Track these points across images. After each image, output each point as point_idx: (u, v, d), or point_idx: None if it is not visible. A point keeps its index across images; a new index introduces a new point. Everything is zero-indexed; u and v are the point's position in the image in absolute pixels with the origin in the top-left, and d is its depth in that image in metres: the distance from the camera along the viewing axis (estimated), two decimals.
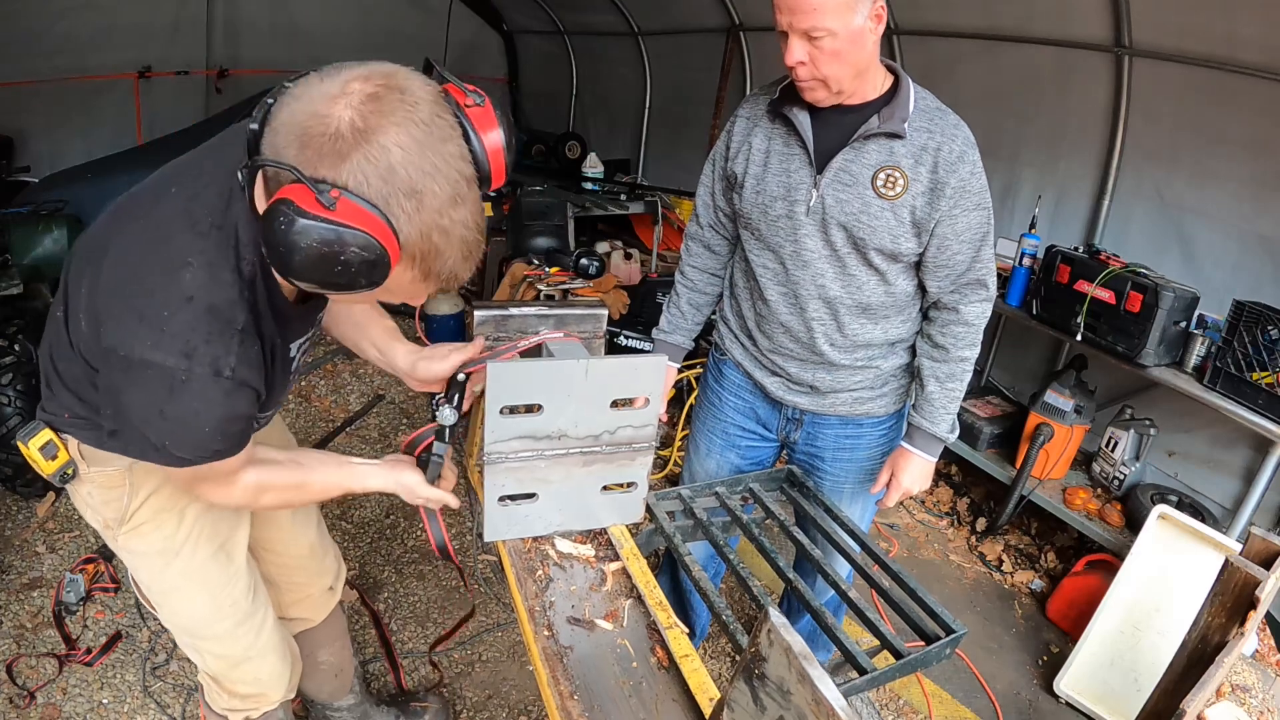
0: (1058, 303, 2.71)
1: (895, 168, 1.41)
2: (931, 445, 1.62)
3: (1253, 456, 2.58)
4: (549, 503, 1.26)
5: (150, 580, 1.36)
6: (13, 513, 2.67)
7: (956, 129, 1.42)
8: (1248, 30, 2.32)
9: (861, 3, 1.30)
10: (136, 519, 1.28)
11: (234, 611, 1.41)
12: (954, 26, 3.30)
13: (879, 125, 1.41)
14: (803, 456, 1.75)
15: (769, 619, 0.67)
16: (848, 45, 1.32)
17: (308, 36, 5.83)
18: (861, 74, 1.40)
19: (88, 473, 1.23)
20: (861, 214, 1.44)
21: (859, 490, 1.75)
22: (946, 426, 1.60)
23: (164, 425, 0.99)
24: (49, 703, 2.00)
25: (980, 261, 1.49)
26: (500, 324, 1.39)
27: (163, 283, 0.94)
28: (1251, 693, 2.05)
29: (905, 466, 1.62)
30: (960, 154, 1.40)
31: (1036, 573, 2.93)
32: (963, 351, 1.55)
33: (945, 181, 1.40)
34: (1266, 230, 2.50)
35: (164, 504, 1.29)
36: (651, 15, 5.34)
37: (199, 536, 1.34)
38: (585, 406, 1.19)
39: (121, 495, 1.26)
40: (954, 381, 1.58)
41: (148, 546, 1.31)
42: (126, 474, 1.24)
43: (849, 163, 1.44)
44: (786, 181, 1.50)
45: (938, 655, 1.15)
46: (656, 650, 1.10)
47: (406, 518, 2.93)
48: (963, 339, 1.54)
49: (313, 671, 1.77)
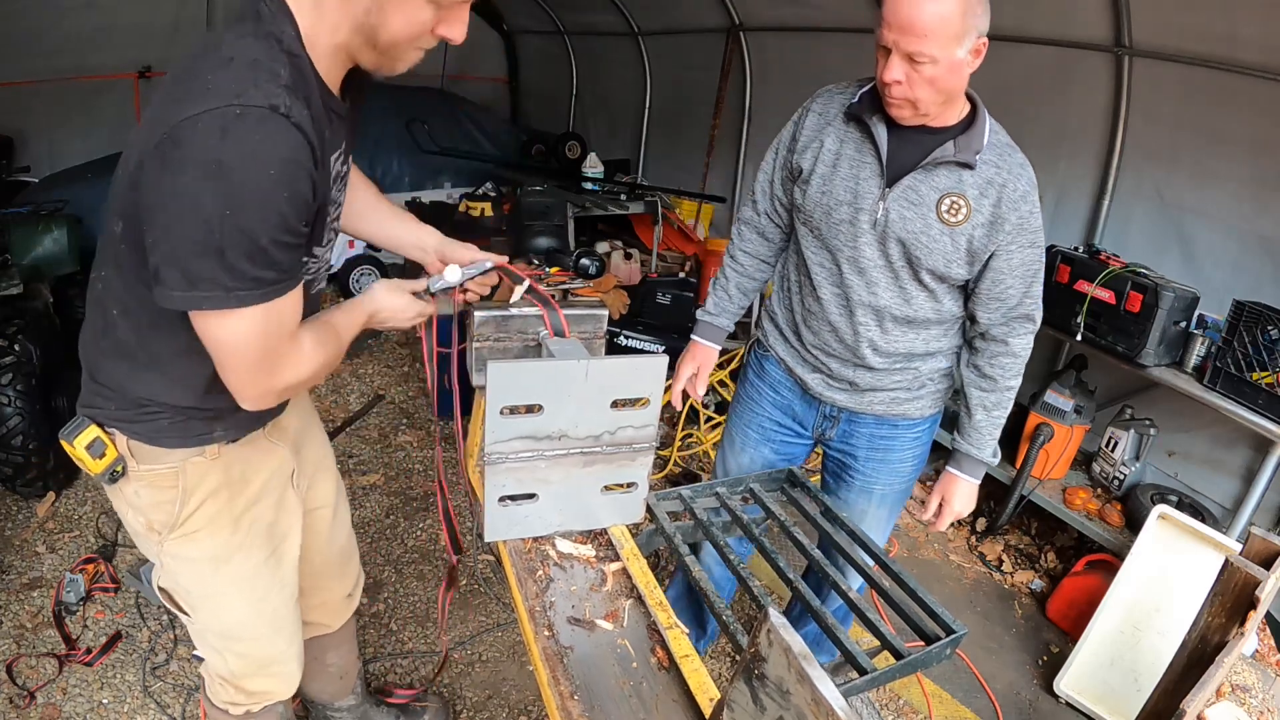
0: (1058, 303, 2.71)
1: (961, 195, 1.46)
2: (978, 470, 1.69)
3: (1253, 456, 2.58)
4: (549, 503, 1.26)
5: (193, 585, 1.32)
6: (13, 513, 2.67)
7: (1023, 169, 1.47)
8: (1248, 30, 2.32)
9: (968, 36, 1.33)
10: (190, 525, 1.24)
11: (273, 619, 1.39)
12: None
13: (954, 153, 1.45)
14: (836, 454, 1.80)
15: (769, 619, 0.67)
16: (946, 73, 1.35)
17: None
18: (950, 103, 1.44)
19: (137, 471, 1.19)
20: (922, 234, 1.48)
21: (888, 492, 1.79)
22: (990, 452, 1.67)
23: (219, 200, 0.88)
24: (49, 703, 2.00)
25: (1030, 297, 1.55)
26: (500, 324, 1.39)
27: (200, 72, 0.92)
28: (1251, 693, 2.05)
29: (955, 490, 1.70)
30: (1024, 193, 1.45)
31: (1036, 573, 2.93)
32: (1010, 381, 1.61)
33: (1006, 217, 1.45)
34: (1266, 230, 2.50)
35: (220, 509, 1.26)
36: (651, 15, 5.34)
37: (253, 543, 1.32)
38: (586, 407, 1.19)
39: (174, 499, 1.22)
40: (999, 410, 1.64)
41: (199, 553, 1.27)
42: (179, 475, 1.21)
43: (919, 183, 1.48)
44: (854, 188, 1.53)
45: (938, 656, 1.15)
46: (657, 650, 1.10)
47: (406, 518, 2.93)
48: (1010, 369, 1.60)
49: (319, 673, 1.77)
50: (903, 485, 1.81)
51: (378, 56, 1.05)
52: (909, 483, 1.83)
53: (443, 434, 3.56)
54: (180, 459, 1.20)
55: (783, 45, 4.39)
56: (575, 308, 1.42)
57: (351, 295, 1.31)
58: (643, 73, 5.69)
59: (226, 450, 1.25)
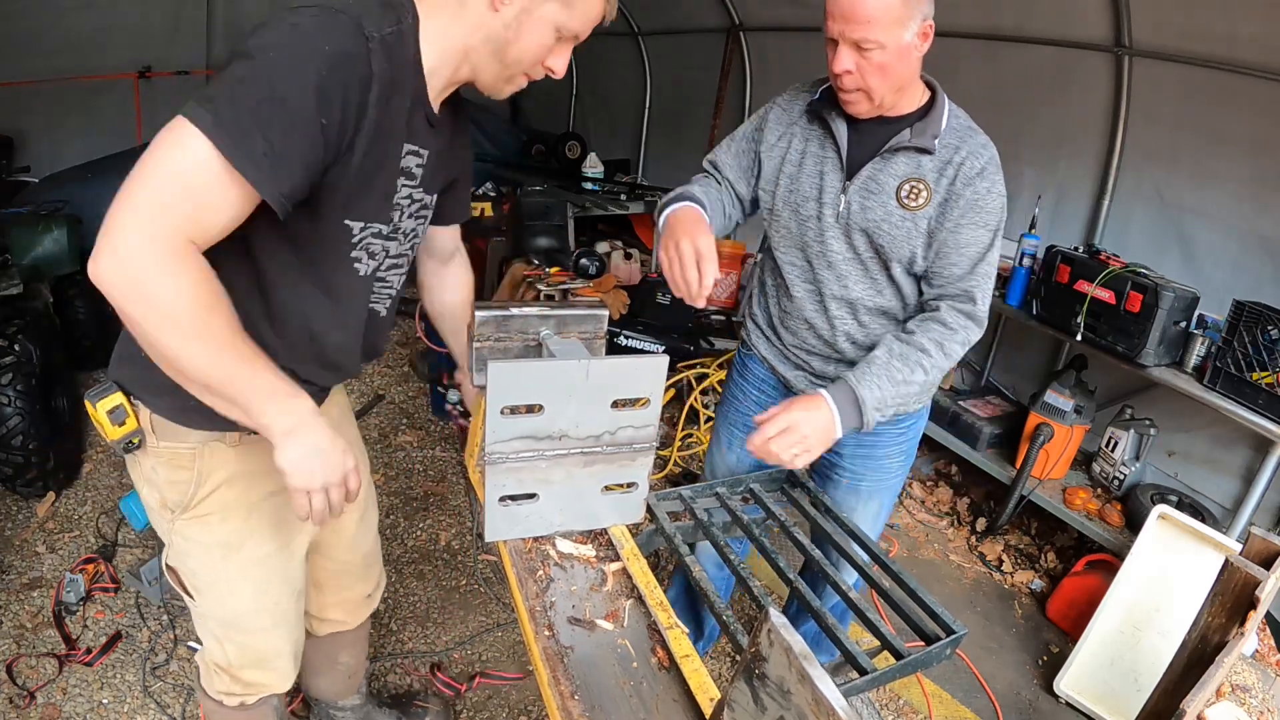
0: (1058, 303, 2.71)
1: (920, 180, 1.45)
2: (846, 405, 1.40)
3: (1253, 456, 2.58)
4: (550, 503, 1.26)
5: (200, 569, 1.31)
6: (13, 513, 2.67)
7: (984, 148, 1.45)
8: (1248, 30, 2.32)
9: (912, 19, 1.34)
10: (202, 508, 1.24)
11: (275, 612, 1.39)
12: (954, 26, 3.30)
13: (909, 139, 1.45)
14: (826, 454, 1.77)
15: (769, 619, 0.67)
16: (895, 59, 1.36)
17: None
18: (903, 89, 1.44)
19: (156, 446, 1.18)
20: (884, 222, 1.48)
21: (876, 489, 1.78)
22: (873, 398, 1.39)
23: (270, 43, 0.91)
24: (49, 703, 2.00)
25: (974, 276, 1.47)
26: (501, 324, 1.39)
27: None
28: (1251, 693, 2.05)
29: (806, 406, 1.38)
30: (980, 171, 1.43)
31: (1036, 573, 2.93)
32: (927, 343, 1.43)
33: (960, 194, 1.43)
34: (1266, 230, 2.50)
35: (236, 497, 1.25)
36: (651, 15, 5.34)
37: (265, 534, 1.31)
38: (586, 407, 1.19)
39: (189, 480, 1.21)
40: (904, 364, 1.42)
41: (210, 538, 1.26)
42: (195, 457, 1.19)
43: (877, 172, 1.48)
44: (819, 184, 1.55)
45: (938, 656, 1.15)
46: (657, 650, 1.10)
47: (406, 518, 2.93)
48: (933, 333, 1.45)
49: (329, 670, 1.77)
50: (891, 481, 1.80)
51: (498, 70, 1.11)
52: (898, 479, 1.82)
53: (442, 434, 3.57)
54: (200, 440, 1.19)
55: (783, 45, 4.39)
56: (575, 308, 1.42)
57: None
58: (643, 73, 5.69)
59: (249, 440, 1.22)
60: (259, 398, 0.97)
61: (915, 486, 3.47)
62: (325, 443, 1.04)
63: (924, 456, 3.69)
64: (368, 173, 1.05)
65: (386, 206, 1.14)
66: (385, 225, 1.16)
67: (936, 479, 3.54)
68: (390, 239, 1.19)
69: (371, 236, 1.14)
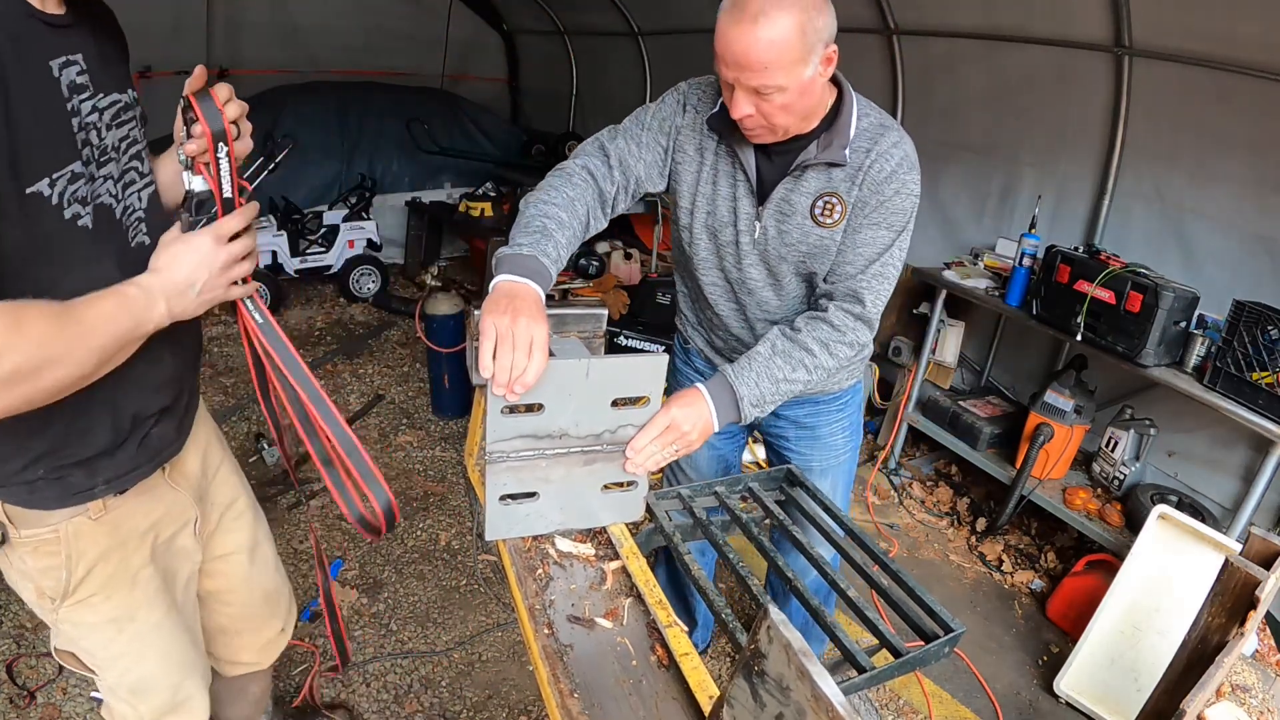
0: (1058, 303, 2.71)
1: (834, 194, 1.38)
2: (723, 400, 1.33)
3: (1253, 456, 2.58)
4: (550, 502, 1.26)
5: (96, 648, 1.22)
6: None
7: (895, 147, 1.36)
8: (1248, 30, 2.32)
9: (812, 54, 1.24)
10: (82, 591, 1.14)
11: (182, 664, 1.32)
12: (954, 26, 3.30)
13: (816, 155, 1.37)
14: (770, 439, 1.80)
15: (768, 616, 0.67)
16: (797, 97, 1.27)
17: (308, 36, 5.83)
18: (809, 116, 1.35)
19: (19, 537, 1.07)
20: (801, 243, 1.43)
21: (827, 468, 1.79)
22: (750, 394, 1.33)
23: None
24: (49, 703, 2.00)
25: (865, 276, 1.39)
26: None
27: None
28: (1251, 693, 2.05)
29: (683, 403, 1.29)
30: (890, 174, 1.35)
31: (1036, 573, 2.93)
32: (811, 343, 1.36)
33: (867, 200, 1.37)
34: (1266, 230, 2.50)
35: (114, 572, 1.16)
36: (651, 15, 5.35)
37: (153, 598, 1.24)
38: (586, 406, 1.19)
39: (60, 565, 1.11)
40: (786, 362, 1.35)
41: (98, 617, 1.18)
42: (61, 541, 1.10)
43: (789, 192, 1.41)
44: (733, 207, 1.47)
45: (936, 654, 1.15)
46: (656, 648, 1.10)
47: (406, 518, 2.93)
48: (819, 333, 1.38)
49: (238, 701, 1.69)
50: (841, 458, 1.79)
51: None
52: (848, 455, 1.81)
53: (442, 434, 3.57)
54: (62, 519, 1.08)
55: None
56: (575, 308, 1.42)
57: (351, 295, 1.20)
58: (643, 73, 5.70)
59: (114, 505, 1.13)
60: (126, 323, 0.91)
61: (915, 486, 3.47)
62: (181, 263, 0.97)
63: (924, 456, 3.69)
64: (30, 120, 0.86)
65: (69, 138, 0.93)
66: (78, 161, 0.94)
67: (936, 479, 3.54)
68: (104, 162, 1.00)
69: (70, 183, 0.93)
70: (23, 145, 0.85)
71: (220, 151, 0.96)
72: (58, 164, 0.90)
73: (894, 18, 3.53)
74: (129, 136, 1.06)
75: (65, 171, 0.91)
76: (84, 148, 0.95)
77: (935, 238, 3.59)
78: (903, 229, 1.39)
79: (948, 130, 3.48)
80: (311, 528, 1.53)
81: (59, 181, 0.90)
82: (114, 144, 1.02)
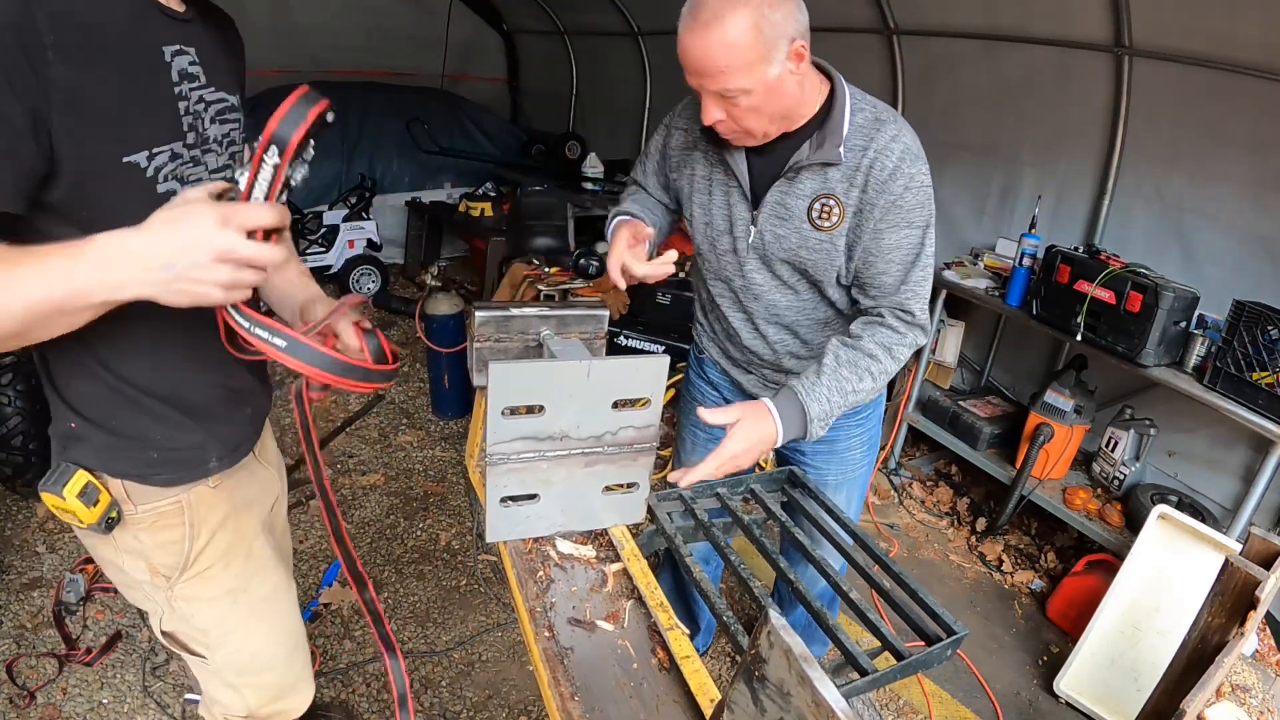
0: (1058, 303, 2.71)
1: (830, 195, 1.34)
2: (791, 417, 1.33)
3: (1253, 456, 2.58)
4: (551, 503, 1.26)
5: (211, 623, 1.21)
6: (13, 513, 2.67)
7: (894, 141, 1.31)
8: (1248, 30, 2.32)
9: (774, 51, 1.19)
10: (201, 562, 1.15)
11: (291, 636, 1.32)
12: (954, 26, 3.30)
13: (809, 155, 1.33)
14: (787, 452, 1.78)
15: (769, 621, 0.67)
16: (765, 98, 1.24)
17: (308, 36, 5.82)
18: (788, 116, 1.32)
19: (135, 514, 1.08)
20: (800, 248, 1.41)
21: (842, 481, 1.76)
22: (819, 411, 1.33)
23: None
24: (49, 703, 2.00)
25: (908, 286, 1.37)
26: (501, 324, 1.39)
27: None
28: (1251, 693, 2.05)
29: (751, 418, 1.31)
30: (894, 170, 1.31)
31: (1036, 573, 2.93)
32: (874, 349, 1.35)
33: (874, 201, 1.32)
34: (1266, 230, 2.50)
35: (232, 540, 1.18)
36: (651, 15, 5.34)
37: (266, 567, 1.25)
38: (587, 407, 1.19)
39: (182, 537, 1.12)
40: (853, 372, 1.34)
41: (216, 589, 1.18)
42: (183, 510, 1.11)
43: (784, 195, 1.38)
44: (728, 214, 1.47)
45: (939, 656, 1.15)
46: (657, 651, 1.10)
47: (406, 518, 2.93)
48: (880, 336, 1.36)
49: None
50: (858, 471, 1.77)
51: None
52: (864, 469, 1.79)
53: (442, 434, 3.57)
54: (181, 493, 1.12)
55: None
56: (575, 308, 1.42)
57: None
58: (643, 73, 5.69)
59: (226, 473, 1.18)
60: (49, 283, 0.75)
61: (915, 486, 3.47)
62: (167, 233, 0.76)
63: (924, 456, 3.69)
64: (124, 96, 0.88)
65: (174, 120, 0.96)
66: (180, 142, 0.97)
67: (936, 479, 3.54)
68: (205, 151, 1.03)
69: (170, 160, 0.95)
70: (127, 117, 0.89)
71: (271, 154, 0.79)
72: (159, 140, 0.94)
73: (894, 18, 3.52)
74: (230, 136, 1.10)
75: (165, 149, 0.94)
76: (189, 132, 0.99)
77: (935, 238, 3.59)
78: (927, 223, 1.36)
79: (947, 130, 3.48)
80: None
81: (158, 156, 0.93)
82: (216, 137, 1.06)
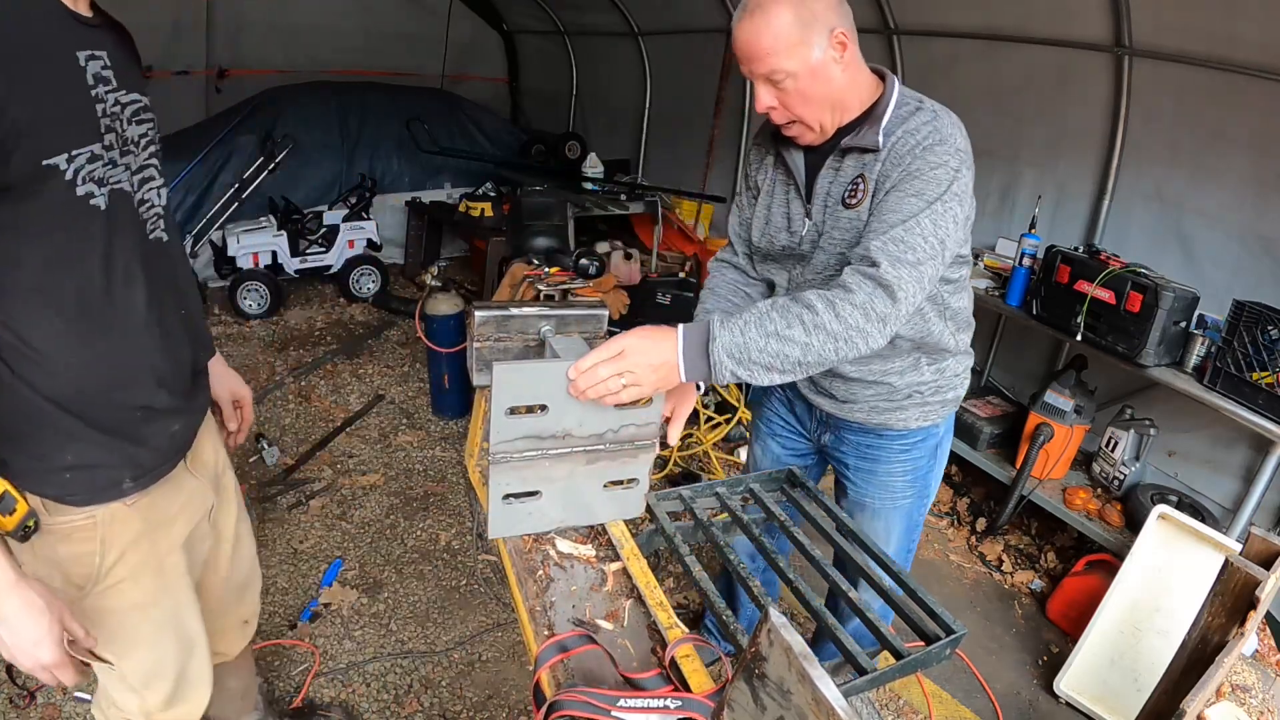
0: (1058, 303, 2.71)
1: (861, 176, 1.38)
2: (694, 341, 1.20)
3: (1253, 456, 2.58)
4: (551, 500, 1.26)
5: (118, 634, 1.21)
6: None
7: (924, 125, 1.31)
8: (1248, 30, 2.32)
9: (815, 35, 1.27)
10: (112, 577, 1.16)
11: (192, 643, 1.32)
12: (954, 26, 3.30)
13: (849, 141, 1.38)
14: (833, 461, 1.78)
15: (769, 619, 0.67)
16: (811, 83, 1.31)
17: (308, 36, 5.83)
18: (838, 105, 1.37)
19: (50, 524, 1.08)
20: (836, 230, 1.43)
21: (882, 507, 1.72)
22: (728, 340, 1.18)
23: None
24: (49, 703, 2.00)
25: (882, 239, 1.26)
26: (500, 324, 1.39)
27: None
28: (1251, 693, 2.05)
29: (647, 334, 1.19)
30: (914, 146, 1.30)
31: (1036, 573, 2.93)
32: (814, 299, 1.21)
33: (889, 174, 1.32)
34: (1266, 230, 2.50)
35: (143, 558, 1.18)
36: (651, 15, 5.34)
37: (177, 583, 1.25)
38: (589, 406, 1.19)
39: (94, 551, 1.13)
40: (782, 316, 1.20)
41: (124, 602, 1.19)
42: (97, 526, 1.11)
43: (830, 185, 1.44)
44: (787, 212, 1.53)
45: (938, 656, 1.15)
46: (657, 650, 1.10)
47: (406, 518, 2.93)
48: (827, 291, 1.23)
49: (219, 696, 1.64)
50: (902, 503, 1.72)
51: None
52: (910, 503, 1.73)
53: (442, 434, 3.57)
54: (93, 509, 1.11)
55: None
56: (575, 308, 1.42)
57: (351, 295, 1.23)
58: (643, 73, 5.69)
59: (143, 495, 1.17)
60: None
61: None
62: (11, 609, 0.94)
63: None
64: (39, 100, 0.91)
65: (92, 122, 0.99)
66: (99, 143, 1.00)
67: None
68: (125, 152, 1.06)
69: (89, 162, 0.98)
70: (43, 122, 0.91)
71: None
72: (76, 143, 0.96)
73: (894, 18, 3.53)
74: (147, 135, 1.13)
75: (84, 151, 0.97)
76: (107, 133, 1.01)
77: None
78: (935, 199, 1.27)
79: None
80: None
81: (77, 159, 0.96)
82: (134, 138, 1.09)
